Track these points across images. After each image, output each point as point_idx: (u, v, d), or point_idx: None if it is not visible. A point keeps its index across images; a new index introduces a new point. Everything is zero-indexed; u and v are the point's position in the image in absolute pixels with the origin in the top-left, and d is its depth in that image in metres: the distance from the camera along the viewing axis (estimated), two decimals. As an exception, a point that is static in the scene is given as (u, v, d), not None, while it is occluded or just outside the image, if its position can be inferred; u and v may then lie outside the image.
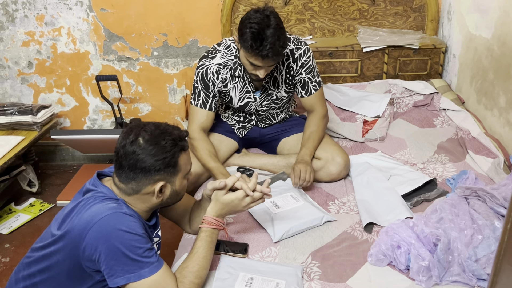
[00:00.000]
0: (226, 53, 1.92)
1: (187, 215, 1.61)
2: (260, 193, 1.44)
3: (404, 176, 1.91)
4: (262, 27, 1.67)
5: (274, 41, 1.67)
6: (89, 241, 1.21)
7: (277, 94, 2.01)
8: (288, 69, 1.96)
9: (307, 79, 1.98)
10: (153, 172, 1.28)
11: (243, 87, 1.96)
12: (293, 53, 1.93)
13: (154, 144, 1.27)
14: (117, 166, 1.30)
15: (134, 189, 1.30)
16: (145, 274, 1.23)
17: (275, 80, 1.98)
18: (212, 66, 1.91)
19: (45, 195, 2.86)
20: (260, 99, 2.00)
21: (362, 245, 1.58)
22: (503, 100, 2.10)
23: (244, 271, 1.43)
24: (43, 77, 3.01)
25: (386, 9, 2.73)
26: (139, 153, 1.26)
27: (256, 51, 1.68)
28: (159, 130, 1.30)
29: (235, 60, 1.91)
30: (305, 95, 2.01)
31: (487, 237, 1.46)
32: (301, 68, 1.95)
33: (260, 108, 2.04)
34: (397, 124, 2.38)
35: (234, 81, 1.94)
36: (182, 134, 1.34)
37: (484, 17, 2.26)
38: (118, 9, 2.81)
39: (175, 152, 1.30)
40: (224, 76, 1.92)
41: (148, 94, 3.05)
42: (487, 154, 2.03)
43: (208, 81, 1.92)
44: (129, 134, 1.28)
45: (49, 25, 2.87)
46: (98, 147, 2.80)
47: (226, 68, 1.92)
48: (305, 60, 1.95)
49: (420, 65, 2.69)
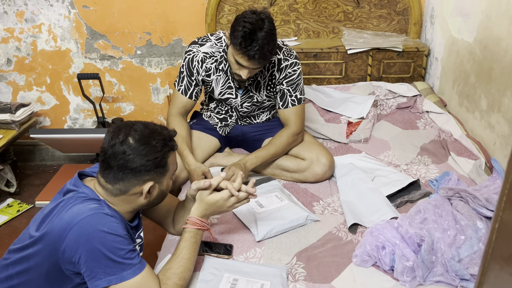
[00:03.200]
0: (216, 44, 1.93)
1: (170, 216, 1.59)
2: (245, 193, 1.43)
3: (388, 177, 1.92)
4: (255, 28, 1.67)
5: (263, 44, 1.67)
6: (69, 243, 1.18)
7: (258, 98, 2.01)
8: (271, 76, 1.95)
9: (286, 91, 1.96)
10: (143, 172, 1.25)
11: (225, 81, 1.97)
12: (280, 62, 1.93)
13: (144, 144, 1.24)
14: (104, 166, 1.27)
15: (121, 190, 1.27)
16: (127, 276, 1.20)
17: (257, 84, 1.98)
18: (199, 54, 1.92)
19: (24, 196, 2.80)
20: (241, 99, 2.00)
21: (347, 246, 1.58)
22: (484, 103, 2.13)
23: (229, 272, 1.42)
24: (22, 75, 2.94)
25: (371, 11, 2.75)
26: (129, 153, 1.23)
27: (244, 49, 1.68)
28: (149, 130, 1.27)
29: (222, 54, 1.92)
30: (281, 107, 1.99)
31: (469, 238, 1.48)
32: (283, 79, 1.94)
33: (240, 108, 2.04)
34: (380, 126, 2.39)
35: (218, 73, 1.95)
36: (171, 134, 1.32)
37: (466, 21, 2.29)
38: (101, 6, 2.77)
39: (165, 152, 1.28)
40: (209, 66, 1.93)
41: (131, 93, 3.01)
42: (469, 156, 2.05)
43: (192, 68, 1.94)
44: (118, 133, 1.25)
45: (29, 22, 2.81)
46: (79, 146, 2.74)
47: (212, 59, 1.93)
48: (289, 72, 1.94)
49: (403, 68, 2.72)
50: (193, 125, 2.14)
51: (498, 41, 2.00)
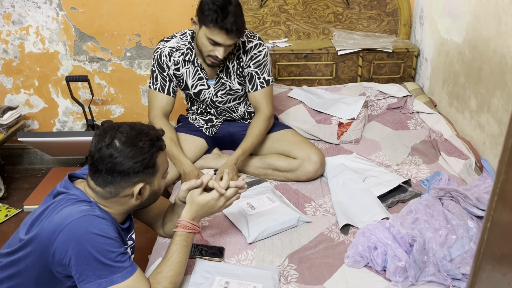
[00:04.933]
0: (181, 38, 1.99)
1: (161, 218, 1.57)
2: (234, 189, 1.41)
3: (379, 177, 1.92)
4: (225, 2, 1.73)
5: (237, 17, 1.74)
6: (59, 245, 1.16)
7: (230, 85, 2.02)
8: (239, 59, 1.99)
9: (254, 73, 1.99)
10: (132, 174, 1.24)
11: (195, 73, 1.99)
12: (244, 45, 1.97)
13: (131, 146, 1.23)
14: (93, 170, 1.25)
15: (112, 193, 1.26)
16: (117, 279, 1.18)
17: (227, 70, 2.00)
18: (165, 49, 1.97)
19: (12, 200, 2.76)
20: (214, 88, 2.02)
21: (339, 247, 1.57)
22: (473, 103, 2.15)
23: (220, 275, 1.40)
24: (10, 78, 2.90)
25: (361, 12, 2.75)
26: (116, 156, 1.21)
27: (221, 23, 1.72)
28: (135, 131, 1.26)
29: (187, 46, 1.96)
30: (251, 89, 2.02)
31: (461, 237, 1.48)
32: (250, 60, 1.98)
33: (215, 98, 2.04)
34: (371, 127, 2.40)
35: (186, 66, 1.97)
36: (158, 134, 1.31)
37: (455, 22, 2.31)
38: (90, 8, 2.74)
39: (153, 153, 1.26)
40: (176, 59, 1.97)
41: (120, 95, 2.99)
42: (459, 155, 2.06)
43: (162, 63, 1.97)
44: (104, 136, 1.24)
45: (16, 24, 2.78)
46: (68, 149, 2.71)
47: (178, 52, 1.97)
48: (255, 53, 1.97)
49: (393, 69, 2.73)
50: (177, 128, 2.14)
51: (486, 41, 2.02)
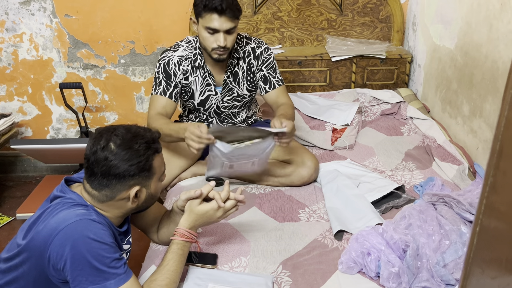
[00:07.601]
0: (187, 47, 1.99)
1: (156, 224, 1.56)
2: (233, 202, 1.41)
3: (373, 183, 1.92)
4: None
5: None
6: (54, 248, 1.15)
7: (238, 91, 2.03)
8: (249, 65, 2.01)
9: (267, 75, 2.04)
10: (127, 177, 1.23)
11: (203, 79, 1.99)
12: (254, 50, 2.02)
13: (127, 149, 1.22)
14: (89, 173, 1.24)
15: (108, 196, 1.25)
16: (110, 286, 1.17)
17: (236, 76, 2.01)
18: (174, 58, 1.96)
19: (4, 208, 2.73)
20: (221, 94, 2.02)
21: (332, 253, 1.57)
22: (466, 109, 2.16)
23: (213, 282, 1.39)
24: (3, 85, 2.89)
25: (354, 19, 2.77)
26: (111, 159, 1.21)
27: (210, 5, 1.76)
28: (131, 134, 1.25)
29: (195, 52, 1.97)
30: (268, 89, 2.05)
31: (454, 242, 1.48)
32: (261, 64, 2.02)
33: (221, 104, 2.04)
34: (365, 132, 2.40)
35: (195, 73, 1.98)
36: (154, 136, 1.30)
37: (447, 28, 2.33)
38: (84, 15, 2.75)
39: (149, 156, 1.26)
40: (185, 68, 1.97)
41: (114, 102, 2.98)
42: (453, 161, 2.07)
43: (169, 71, 1.95)
44: (99, 139, 1.23)
45: (10, 31, 2.77)
46: (62, 157, 2.70)
47: (187, 60, 1.97)
48: (265, 57, 2.03)
49: (387, 75, 2.74)
50: None
51: (478, 47, 2.03)
